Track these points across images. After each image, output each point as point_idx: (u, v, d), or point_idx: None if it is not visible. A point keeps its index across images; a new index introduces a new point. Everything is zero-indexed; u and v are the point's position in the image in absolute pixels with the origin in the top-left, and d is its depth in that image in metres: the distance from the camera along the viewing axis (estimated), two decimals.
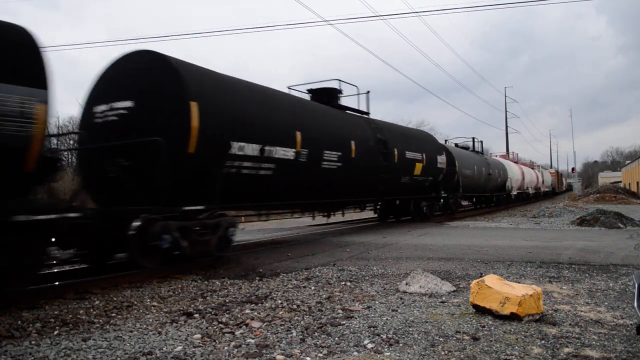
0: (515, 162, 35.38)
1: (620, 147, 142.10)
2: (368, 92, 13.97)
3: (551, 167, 72.04)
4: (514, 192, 30.21)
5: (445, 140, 24.96)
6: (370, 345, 3.48)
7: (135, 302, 5.07)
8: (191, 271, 6.85)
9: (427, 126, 58.00)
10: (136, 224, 6.13)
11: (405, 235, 11.57)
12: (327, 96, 12.18)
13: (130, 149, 6.78)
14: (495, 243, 9.57)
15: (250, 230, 15.25)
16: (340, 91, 12.67)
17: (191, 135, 6.85)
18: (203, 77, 7.67)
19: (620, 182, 63.91)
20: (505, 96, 53.94)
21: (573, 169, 59.58)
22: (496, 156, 35.83)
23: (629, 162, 67.80)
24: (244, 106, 8.13)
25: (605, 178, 77.48)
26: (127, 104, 7.04)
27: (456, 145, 23.48)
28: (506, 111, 52.81)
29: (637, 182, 52.38)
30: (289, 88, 12.34)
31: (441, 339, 3.58)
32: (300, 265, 7.34)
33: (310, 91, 12.48)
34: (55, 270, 6.79)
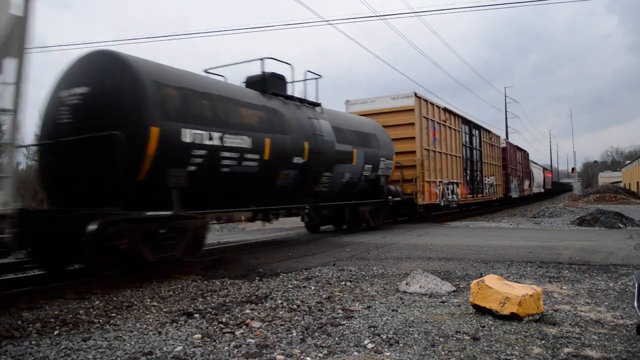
0: None
1: (620, 147, 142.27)
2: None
3: (551, 168, 57.68)
4: None
5: None
6: (370, 345, 3.48)
7: (135, 302, 5.08)
8: (191, 271, 6.86)
9: None
10: None
11: (405, 235, 11.57)
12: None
13: None
14: (495, 243, 9.57)
15: (250, 230, 15.26)
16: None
17: None
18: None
19: (620, 182, 63.97)
20: (505, 96, 53.96)
21: (573, 169, 59.51)
22: None
23: (629, 162, 67.85)
24: None
25: (605, 178, 77.48)
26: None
27: None
28: (506, 111, 52.82)
29: (637, 182, 52.42)
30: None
31: (441, 339, 3.58)
32: (300, 265, 7.34)
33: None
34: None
